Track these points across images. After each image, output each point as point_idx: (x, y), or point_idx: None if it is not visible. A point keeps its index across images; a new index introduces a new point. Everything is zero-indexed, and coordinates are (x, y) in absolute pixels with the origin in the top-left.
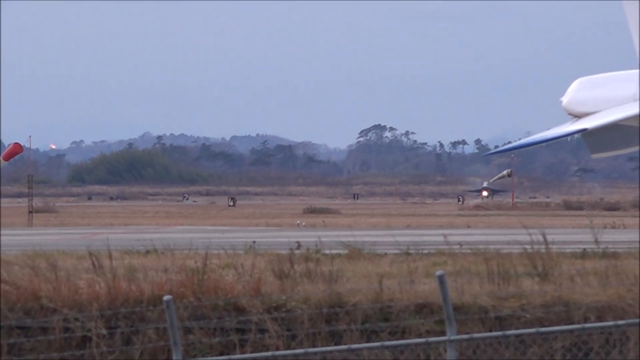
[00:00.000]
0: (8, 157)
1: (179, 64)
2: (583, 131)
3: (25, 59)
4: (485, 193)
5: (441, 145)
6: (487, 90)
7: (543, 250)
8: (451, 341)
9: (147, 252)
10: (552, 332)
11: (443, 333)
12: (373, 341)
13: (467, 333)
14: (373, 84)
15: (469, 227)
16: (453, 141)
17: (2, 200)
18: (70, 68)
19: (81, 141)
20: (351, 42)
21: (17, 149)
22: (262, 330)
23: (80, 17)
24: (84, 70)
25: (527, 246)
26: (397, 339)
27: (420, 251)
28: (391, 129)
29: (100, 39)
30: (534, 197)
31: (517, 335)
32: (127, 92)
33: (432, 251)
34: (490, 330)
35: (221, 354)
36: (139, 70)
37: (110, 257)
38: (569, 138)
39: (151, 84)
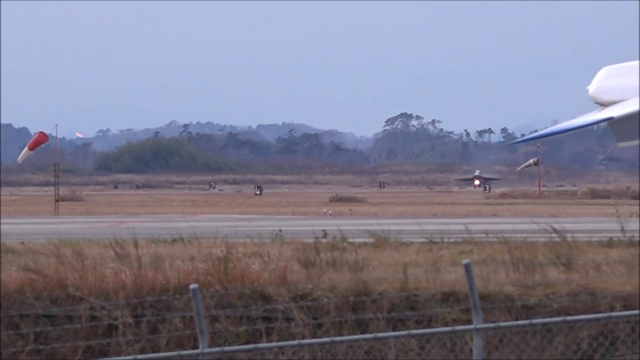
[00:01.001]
0: (33, 147)
1: (206, 52)
2: (609, 120)
3: (51, 48)
4: (477, 182)
5: (467, 133)
6: (514, 79)
7: (569, 239)
8: (477, 330)
9: (174, 240)
10: (579, 320)
11: (469, 322)
12: (399, 330)
13: (494, 322)
14: (399, 72)
15: (495, 215)
16: (479, 130)
17: (29, 189)
18: (96, 56)
19: (107, 130)
20: (377, 31)
21: (43, 138)
22: (289, 319)
23: (107, 5)
24: (111, 59)
25: (553, 235)
26: (424, 328)
27: (447, 240)
28: (417, 117)
29: (127, 27)
30: (561, 186)
31: (543, 324)
32: (154, 81)
33: (458, 240)
34: (517, 319)
35: (247, 342)
36: (165, 59)
37: (136, 245)
38: (595, 127)
39: (178, 73)
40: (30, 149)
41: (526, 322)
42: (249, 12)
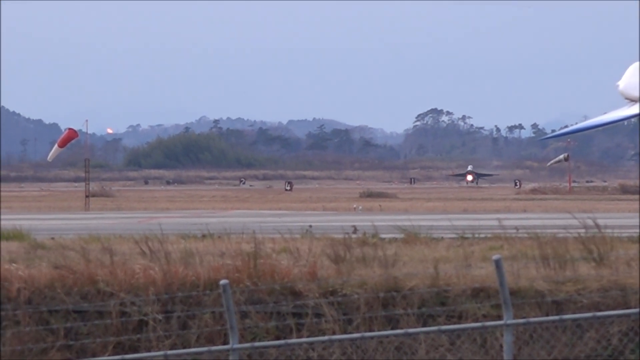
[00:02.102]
0: (63, 144)
1: (237, 48)
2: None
3: (82, 45)
4: (469, 177)
5: (498, 129)
6: (544, 74)
7: (599, 235)
8: (508, 325)
9: (204, 236)
10: (609, 316)
11: (500, 317)
12: (430, 325)
13: (524, 317)
14: (430, 67)
15: (525, 211)
16: (510, 125)
17: (59, 184)
18: (127, 53)
19: (138, 125)
20: (407, 27)
21: (72, 134)
22: (319, 315)
23: (138, 2)
24: (141, 55)
25: (583, 230)
26: (454, 324)
27: (477, 235)
28: (448, 113)
29: (158, 24)
30: (591, 181)
31: (573, 320)
32: (184, 76)
33: (488, 235)
34: (547, 315)
35: (277, 338)
36: (196, 55)
37: (164, 241)
38: (625, 122)
39: (208, 69)
40: (60, 146)
41: (556, 317)
42: (280, 10)
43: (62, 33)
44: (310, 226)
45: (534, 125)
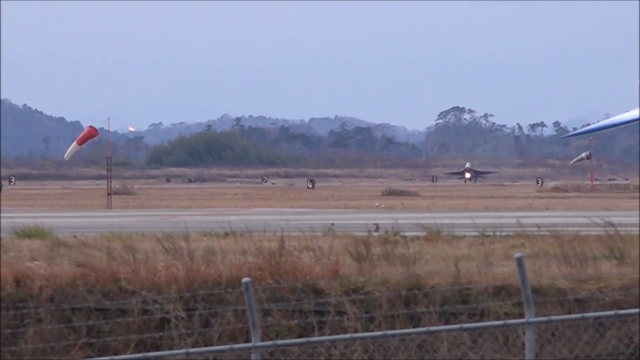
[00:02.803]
0: (82, 141)
1: (257, 45)
2: None
3: (104, 42)
4: (468, 175)
5: (520, 127)
6: (566, 72)
7: (621, 233)
8: (530, 323)
9: (226, 234)
10: (631, 314)
11: (521, 315)
12: (451, 323)
13: (546, 315)
14: (452, 65)
15: (547, 209)
16: (532, 123)
17: (81, 182)
18: (148, 50)
19: (160, 123)
20: (429, 24)
21: (92, 132)
22: (341, 313)
23: (159, 1)
24: (163, 53)
25: (606, 228)
26: (476, 321)
27: (499, 233)
28: (470, 110)
29: (178, 21)
30: (613, 179)
31: (595, 318)
32: (206, 74)
33: (510, 233)
34: (569, 313)
35: (299, 336)
36: (217, 52)
37: (187, 239)
38: None
39: (230, 66)
40: (79, 143)
41: (578, 315)
42: (302, 8)
43: (84, 32)
44: (332, 224)
45: (556, 124)
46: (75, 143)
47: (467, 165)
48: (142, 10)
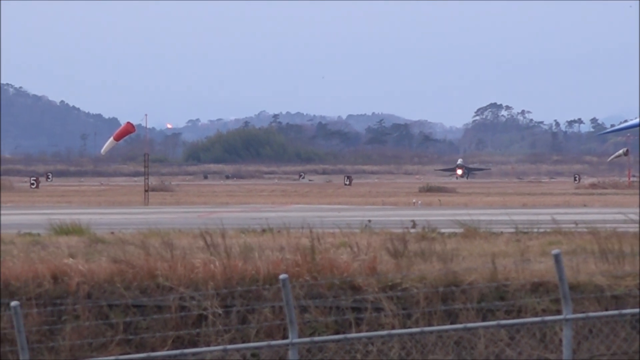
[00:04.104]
0: (119, 137)
1: (296, 43)
2: None
3: (143, 39)
4: (459, 171)
5: (557, 124)
6: (604, 69)
7: None
8: (567, 320)
9: (263, 230)
10: None
11: (559, 312)
12: (489, 320)
13: (583, 312)
14: (489, 62)
15: (584, 205)
16: (569, 120)
17: (118, 179)
18: (186, 47)
19: (197, 120)
20: (468, 21)
21: (130, 128)
22: (378, 309)
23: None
24: (201, 49)
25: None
26: (513, 318)
27: (536, 230)
28: (507, 107)
29: (218, 17)
30: None
31: (633, 315)
32: (244, 71)
33: (547, 230)
34: (606, 309)
35: (337, 332)
36: (255, 49)
37: (224, 236)
38: None
39: (267, 63)
40: (116, 139)
41: (616, 312)
42: (341, 7)
43: (122, 28)
44: (370, 221)
45: (594, 120)
46: (112, 138)
47: (459, 161)
48: (181, 6)
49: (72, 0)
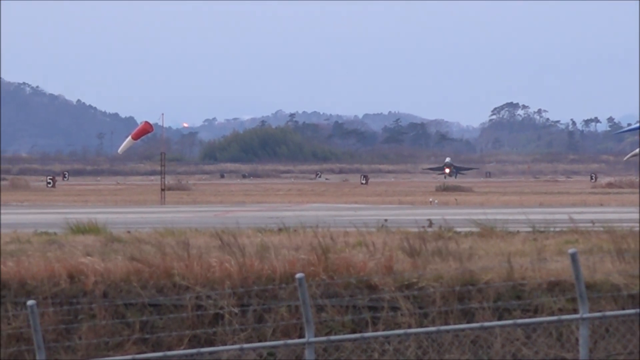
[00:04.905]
0: (137, 136)
1: (312, 41)
2: None
3: (159, 39)
4: (447, 170)
5: (574, 123)
6: (621, 67)
7: None
8: (584, 319)
9: (280, 229)
10: None
11: (575, 311)
12: (505, 319)
13: (600, 311)
14: (505, 61)
15: (601, 205)
16: (586, 119)
17: (135, 178)
18: (203, 46)
19: (214, 119)
20: (485, 21)
21: (147, 128)
22: (394, 308)
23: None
24: (217, 48)
25: None
26: (529, 317)
27: (552, 229)
28: (524, 106)
29: (234, 17)
30: None
31: None
32: (260, 70)
33: (564, 229)
34: (623, 309)
35: (353, 331)
36: (271, 48)
37: (240, 235)
38: None
39: (283, 61)
40: (134, 138)
41: (632, 311)
42: (358, 6)
43: (139, 28)
44: (386, 220)
45: (610, 119)
46: (130, 138)
47: (447, 160)
48: (198, 5)
49: (90, 0)
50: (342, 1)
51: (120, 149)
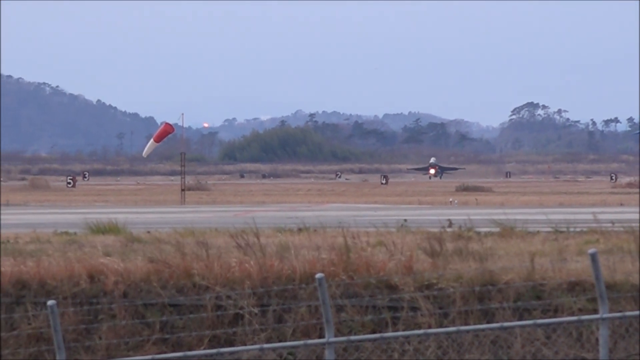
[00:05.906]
0: (159, 139)
1: (332, 41)
2: None
3: (179, 39)
4: (432, 171)
5: (594, 123)
6: None
7: None
8: (604, 319)
9: (299, 230)
10: None
11: (595, 311)
12: (525, 319)
13: (620, 311)
14: (526, 61)
15: (621, 204)
16: (606, 119)
17: (155, 178)
18: (222, 46)
19: (233, 119)
20: (504, 21)
21: (168, 129)
22: (414, 309)
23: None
24: (237, 49)
25: None
26: (550, 317)
27: (573, 229)
28: (544, 106)
29: (254, 18)
30: None
31: None
32: (280, 70)
33: (584, 229)
34: None
35: (373, 331)
36: (291, 48)
37: (260, 235)
38: None
39: (303, 62)
40: (157, 141)
41: None
42: (377, 6)
43: (159, 28)
44: (406, 220)
45: (630, 119)
46: (152, 140)
47: (432, 160)
48: (219, 5)
49: (111, 0)
50: (363, 1)
51: (145, 153)
